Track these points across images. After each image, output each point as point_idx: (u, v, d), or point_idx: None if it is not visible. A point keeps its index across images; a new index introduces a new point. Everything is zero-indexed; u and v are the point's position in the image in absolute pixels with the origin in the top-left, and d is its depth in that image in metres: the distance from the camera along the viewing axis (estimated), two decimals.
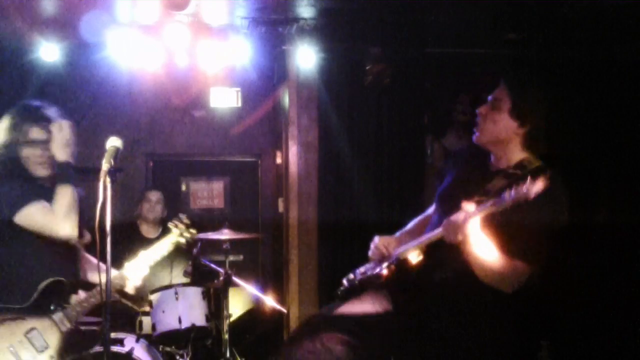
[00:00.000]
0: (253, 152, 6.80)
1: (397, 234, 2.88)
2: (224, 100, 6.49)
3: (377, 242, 2.76)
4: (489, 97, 2.64)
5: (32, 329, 2.72)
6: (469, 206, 2.28)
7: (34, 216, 2.73)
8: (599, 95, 5.34)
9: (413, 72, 5.46)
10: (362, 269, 2.78)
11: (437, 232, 2.42)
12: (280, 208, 6.00)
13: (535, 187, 2.17)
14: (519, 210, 2.22)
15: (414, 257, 2.53)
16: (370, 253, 2.78)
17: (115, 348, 3.76)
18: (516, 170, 2.45)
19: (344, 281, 2.78)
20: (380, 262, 2.67)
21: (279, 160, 6.36)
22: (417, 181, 5.43)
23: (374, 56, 5.44)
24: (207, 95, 6.48)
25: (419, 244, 2.52)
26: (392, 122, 5.39)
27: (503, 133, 2.52)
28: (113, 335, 3.90)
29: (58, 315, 2.75)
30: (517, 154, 2.55)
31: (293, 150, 5.39)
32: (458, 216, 2.29)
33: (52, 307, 2.76)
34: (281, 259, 5.74)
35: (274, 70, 5.94)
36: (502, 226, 2.33)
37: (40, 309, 2.75)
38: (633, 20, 4.61)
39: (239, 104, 6.52)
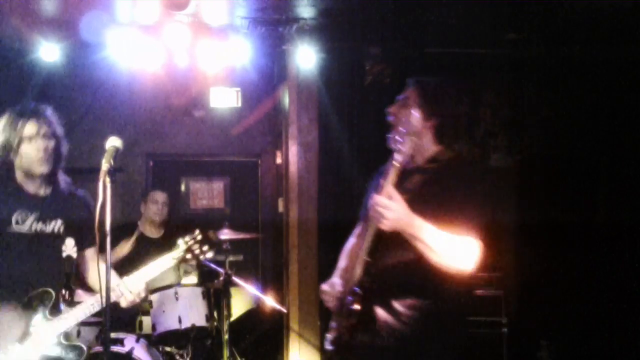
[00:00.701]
0: (253, 152, 6.80)
1: (336, 274, 2.83)
2: (224, 100, 6.50)
3: (326, 290, 2.73)
4: (398, 97, 2.76)
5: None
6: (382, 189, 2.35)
7: None
8: (598, 95, 5.34)
9: (413, 72, 5.45)
10: (334, 325, 2.65)
11: (370, 231, 2.42)
12: (280, 208, 6.00)
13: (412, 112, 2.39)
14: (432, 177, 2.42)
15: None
16: (329, 305, 2.72)
17: (115, 348, 3.76)
18: (431, 164, 2.52)
19: (329, 347, 2.65)
20: (344, 305, 2.58)
21: (279, 160, 6.36)
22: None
23: (374, 56, 5.45)
24: (207, 95, 6.48)
25: (363, 261, 2.49)
26: None
27: (413, 127, 2.56)
28: (113, 335, 3.91)
29: (42, 328, 2.67)
30: (430, 148, 2.60)
31: (293, 150, 5.39)
32: (376, 198, 2.33)
33: (36, 318, 2.68)
34: (281, 259, 5.74)
35: (274, 70, 5.95)
36: (429, 203, 2.39)
37: (25, 321, 2.69)
38: (633, 20, 4.61)
39: (239, 104, 6.52)
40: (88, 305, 2.70)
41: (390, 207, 2.30)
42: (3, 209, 2.76)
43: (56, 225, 2.83)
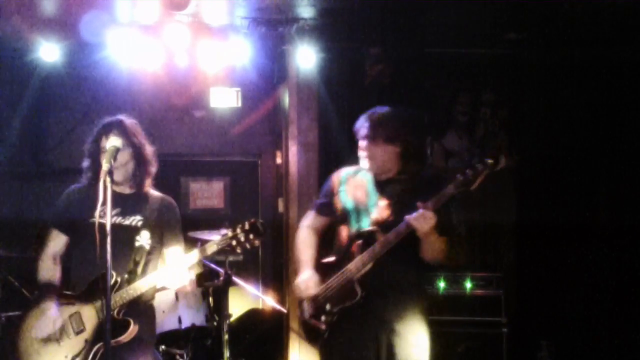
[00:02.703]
0: (253, 152, 6.79)
1: (307, 266, 3.29)
2: (224, 100, 6.49)
3: (305, 280, 3.20)
4: (363, 131, 3.23)
5: (76, 312, 2.96)
6: (423, 205, 2.86)
7: None
8: (598, 95, 5.34)
9: (413, 72, 5.45)
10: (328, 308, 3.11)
11: (401, 231, 2.93)
12: (280, 208, 6.00)
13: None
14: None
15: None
16: (307, 293, 3.18)
17: None
18: (401, 175, 3.14)
19: (323, 326, 3.13)
20: (340, 289, 3.07)
21: (279, 160, 6.36)
22: (417, 181, 5.42)
23: (374, 56, 5.44)
24: (207, 95, 6.47)
25: (376, 253, 2.99)
26: None
27: (387, 158, 3.15)
28: None
29: (99, 304, 2.91)
30: (398, 163, 3.16)
31: (293, 150, 5.39)
32: (423, 212, 2.84)
33: (96, 296, 2.94)
34: (281, 259, 5.74)
35: (274, 70, 5.94)
36: (411, 207, 2.91)
37: (87, 297, 2.97)
38: (633, 20, 4.61)
39: (239, 104, 6.52)
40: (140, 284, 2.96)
41: (433, 217, 2.84)
42: (91, 202, 2.89)
43: (134, 220, 3.08)
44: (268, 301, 4.99)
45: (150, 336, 3.21)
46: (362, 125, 3.25)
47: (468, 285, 4.79)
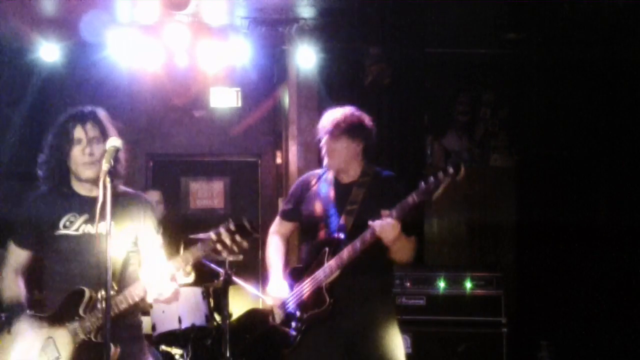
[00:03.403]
0: (253, 152, 6.80)
1: (277, 274, 3.31)
2: (224, 100, 6.50)
3: (277, 291, 3.22)
4: (327, 130, 3.20)
5: (49, 337, 2.65)
6: (387, 214, 2.87)
7: None
8: (598, 95, 5.34)
9: (413, 72, 5.45)
10: (305, 316, 3.09)
11: (367, 239, 2.91)
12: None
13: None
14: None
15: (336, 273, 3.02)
16: (273, 303, 3.26)
17: None
18: (363, 178, 3.15)
19: (294, 333, 3.11)
20: (311, 298, 3.06)
21: (279, 160, 6.36)
22: (417, 181, 5.42)
23: (374, 56, 5.44)
24: (207, 95, 6.48)
25: (343, 261, 2.97)
26: (392, 122, 5.39)
27: (349, 154, 3.15)
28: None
29: (73, 326, 2.62)
30: (360, 164, 3.20)
31: (293, 150, 5.39)
32: (387, 221, 2.84)
33: (69, 317, 2.64)
34: None
35: (274, 70, 5.95)
36: (375, 211, 2.93)
37: (60, 319, 2.65)
38: (633, 20, 4.61)
39: (239, 104, 6.52)
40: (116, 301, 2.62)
41: (398, 226, 2.84)
42: (55, 211, 2.75)
43: (106, 226, 2.63)
44: (268, 301, 4.97)
45: (140, 349, 2.81)
46: (325, 121, 3.23)
47: (468, 285, 4.79)
